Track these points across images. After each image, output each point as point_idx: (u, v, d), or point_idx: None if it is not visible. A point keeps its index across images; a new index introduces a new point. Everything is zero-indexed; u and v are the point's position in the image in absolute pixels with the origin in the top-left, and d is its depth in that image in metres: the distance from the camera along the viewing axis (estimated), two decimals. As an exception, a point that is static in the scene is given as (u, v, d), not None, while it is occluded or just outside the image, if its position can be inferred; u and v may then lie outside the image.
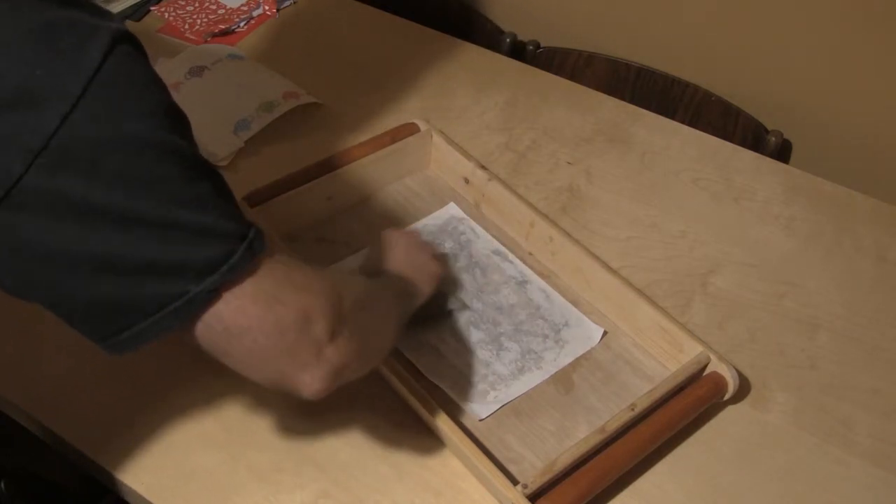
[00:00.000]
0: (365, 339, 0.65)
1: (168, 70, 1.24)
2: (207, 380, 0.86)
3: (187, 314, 0.55)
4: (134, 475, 0.80)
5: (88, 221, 0.50)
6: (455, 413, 0.85)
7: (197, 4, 1.40)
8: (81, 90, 0.49)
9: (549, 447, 0.84)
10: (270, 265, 0.58)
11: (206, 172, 0.56)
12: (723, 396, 0.87)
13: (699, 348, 0.88)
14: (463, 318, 0.94)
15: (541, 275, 1.00)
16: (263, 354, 0.58)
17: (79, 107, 0.49)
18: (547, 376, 0.90)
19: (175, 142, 0.54)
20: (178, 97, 1.18)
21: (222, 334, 0.57)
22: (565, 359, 0.91)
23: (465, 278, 0.98)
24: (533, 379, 0.89)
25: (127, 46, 0.53)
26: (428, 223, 1.05)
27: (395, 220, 1.05)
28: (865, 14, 1.18)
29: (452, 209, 1.07)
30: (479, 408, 0.86)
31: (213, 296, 0.55)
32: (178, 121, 0.56)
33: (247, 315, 0.56)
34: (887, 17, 1.16)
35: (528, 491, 0.75)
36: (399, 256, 0.87)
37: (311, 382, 0.60)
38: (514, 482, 0.76)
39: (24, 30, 0.49)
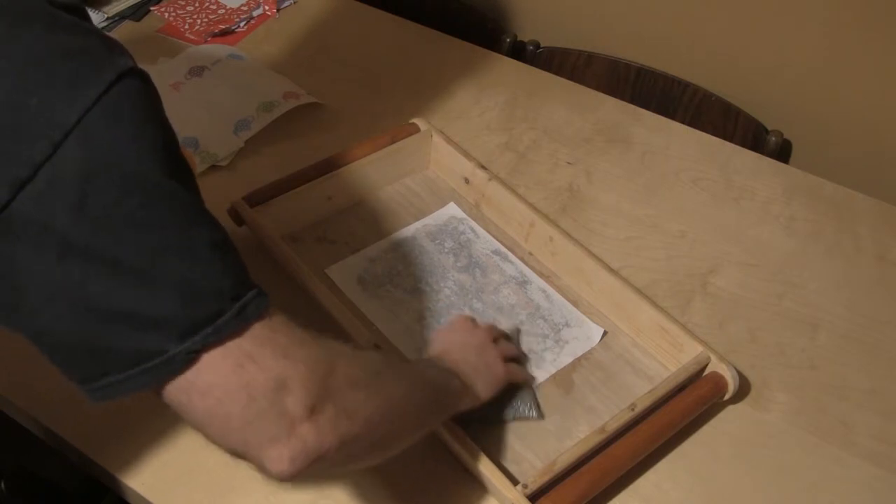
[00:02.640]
0: (358, 424, 0.56)
1: (168, 70, 1.24)
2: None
3: (165, 374, 0.50)
4: (134, 475, 0.80)
5: (69, 258, 0.48)
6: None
7: (197, 4, 1.40)
8: (76, 121, 0.47)
9: (549, 447, 0.84)
10: (257, 327, 0.52)
11: (205, 222, 0.53)
12: (723, 396, 0.87)
13: (699, 348, 0.88)
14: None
15: (541, 275, 1.00)
16: (227, 420, 0.52)
17: (71, 138, 0.47)
18: (547, 376, 0.90)
19: (172, 185, 0.51)
20: (178, 97, 1.20)
21: (182, 387, 0.51)
22: (565, 359, 0.91)
23: (465, 278, 0.99)
24: (533, 379, 0.90)
25: (134, 81, 0.50)
26: (428, 223, 1.05)
27: (395, 220, 1.05)
28: (865, 14, 1.18)
29: (452, 209, 1.07)
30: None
31: (192, 358, 0.50)
32: (179, 164, 0.52)
33: (213, 371, 0.51)
34: (887, 17, 1.16)
35: (528, 491, 0.75)
36: (462, 342, 0.81)
37: (277, 459, 0.52)
38: (515, 482, 0.76)
39: (24, 55, 0.47)
